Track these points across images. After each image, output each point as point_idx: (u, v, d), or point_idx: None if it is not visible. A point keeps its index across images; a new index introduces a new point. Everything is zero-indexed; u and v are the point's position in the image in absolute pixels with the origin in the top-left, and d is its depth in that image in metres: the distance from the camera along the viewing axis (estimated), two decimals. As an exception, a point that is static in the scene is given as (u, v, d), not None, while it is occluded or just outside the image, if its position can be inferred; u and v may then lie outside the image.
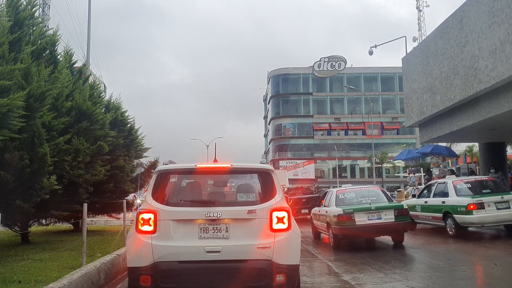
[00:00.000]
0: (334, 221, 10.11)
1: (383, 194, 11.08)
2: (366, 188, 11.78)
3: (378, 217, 9.76)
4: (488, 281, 6.63)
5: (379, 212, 9.83)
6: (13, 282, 5.38)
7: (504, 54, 10.29)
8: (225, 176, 5.54)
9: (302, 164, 60.64)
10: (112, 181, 11.81)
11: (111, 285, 6.45)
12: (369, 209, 9.88)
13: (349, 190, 11.57)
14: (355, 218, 9.76)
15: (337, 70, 63.23)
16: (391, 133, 63.95)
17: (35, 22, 9.63)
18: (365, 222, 9.72)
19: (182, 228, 4.52)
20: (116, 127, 12.71)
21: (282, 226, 4.56)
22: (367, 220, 9.76)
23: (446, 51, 13.55)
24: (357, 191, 11.36)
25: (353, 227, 9.71)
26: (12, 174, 7.46)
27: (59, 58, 10.95)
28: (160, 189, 4.81)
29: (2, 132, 6.64)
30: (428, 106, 15.20)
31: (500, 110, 11.48)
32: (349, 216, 9.80)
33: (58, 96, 9.22)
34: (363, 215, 9.77)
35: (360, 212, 9.82)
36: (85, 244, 6.38)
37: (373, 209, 9.88)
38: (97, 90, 12.89)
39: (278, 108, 66.61)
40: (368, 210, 9.87)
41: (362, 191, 11.40)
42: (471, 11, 11.96)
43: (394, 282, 6.33)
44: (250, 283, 4.39)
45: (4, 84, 6.68)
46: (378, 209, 9.88)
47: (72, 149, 9.61)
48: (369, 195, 10.90)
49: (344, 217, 9.83)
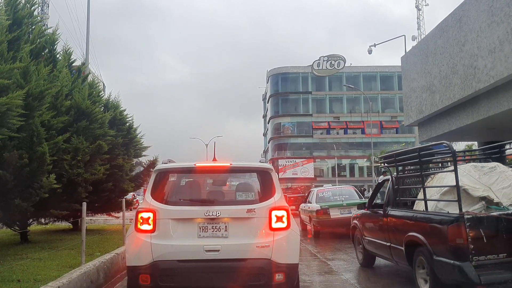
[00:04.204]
0: (314, 215, 12.45)
1: (356, 193, 13.36)
2: (341, 188, 14.32)
3: (349, 212, 11.44)
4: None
5: (349, 208, 11.71)
6: (12, 281, 5.38)
7: (503, 53, 10.29)
8: (224, 175, 5.55)
9: (301, 163, 60.65)
10: (111, 180, 11.80)
11: (110, 284, 6.46)
12: (342, 205, 12.12)
13: (327, 189, 14.11)
14: (330, 212, 12.02)
15: (336, 69, 63.20)
16: (390, 132, 63.94)
17: (34, 20, 9.61)
18: (338, 216, 11.87)
19: (181, 227, 4.52)
20: (115, 126, 12.70)
21: (281, 225, 4.57)
22: (339, 214, 11.88)
23: (445, 50, 13.55)
24: (333, 190, 13.90)
25: (328, 220, 12.01)
26: (11, 173, 7.45)
27: (58, 57, 10.94)
28: (159, 188, 4.81)
29: (1, 131, 6.63)
30: (427, 105, 15.20)
31: (499, 109, 11.48)
32: (325, 211, 12.07)
33: (57, 95, 9.21)
34: (336, 210, 12.03)
35: (334, 208, 12.10)
36: (84, 243, 6.38)
37: (345, 205, 12.07)
38: (96, 89, 12.88)
39: (277, 107, 66.58)
40: (341, 206, 12.12)
41: (338, 190, 13.82)
42: (470, 10, 11.96)
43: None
44: (249, 282, 4.40)
45: (3, 83, 6.67)
46: (349, 205, 11.93)
47: (71, 148, 9.61)
48: (343, 193, 13.13)
49: (321, 212, 12.11)
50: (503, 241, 4.57)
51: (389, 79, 64.19)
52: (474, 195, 4.99)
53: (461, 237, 4.52)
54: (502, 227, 4.58)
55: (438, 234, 4.91)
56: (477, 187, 5.07)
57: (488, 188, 5.11)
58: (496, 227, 4.60)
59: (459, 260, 4.52)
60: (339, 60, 63.51)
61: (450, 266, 4.61)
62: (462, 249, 4.51)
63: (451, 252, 4.63)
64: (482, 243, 4.50)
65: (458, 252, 4.56)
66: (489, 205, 4.99)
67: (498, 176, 5.23)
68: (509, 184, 5.12)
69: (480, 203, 4.97)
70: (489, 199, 5.00)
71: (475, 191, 5.02)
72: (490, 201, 5.01)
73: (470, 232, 4.49)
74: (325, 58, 63.46)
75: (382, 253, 6.73)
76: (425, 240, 5.08)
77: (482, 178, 5.26)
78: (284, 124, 65.35)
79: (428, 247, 5.01)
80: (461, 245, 4.51)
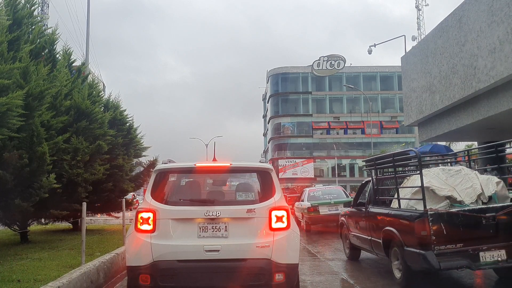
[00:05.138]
0: (305, 212, 14.23)
1: (343, 192, 15.04)
2: (330, 188, 16.36)
3: (336, 209, 12.76)
4: (488, 280, 6.64)
5: (337, 205, 13.34)
6: (12, 281, 5.38)
7: (503, 53, 10.29)
8: (225, 175, 5.55)
9: (301, 163, 60.65)
10: (111, 180, 11.80)
11: (110, 284, 6.46)
12: (330, 203, 13.83)
13: (318, 189, 16.19)
14: (319, 209, 13.82)
15: (336, 69, 63.19)
16: (390, 132, 63.92)
17: (34, 21, 9.61)
18: (327, 212, 13.60)
19: (181, 227, 4.52)
20: (115, 126, 12.69)
21: (281, 225, 4.56)
22: (328, 211, 13.59)
23: (445, 50, 13.55)
24: (323, 190, 15.76)
25: (318, 216, 13.85)
26: (11, 173, 7.45)
27: (58, 57, 10.93)
28: (159, 188, 4.81)
29: (1, 131, 6.63)
30: (427, 105, 15.20)
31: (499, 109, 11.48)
32: (315, 208, 13.87)
33: (57, 95, 9.20)
34: (325, 208, 13.77)
35: (323, 205, 13.86)
36: (84, 243, 6.38)
37: (333, 203, 13.78)
38: (96, 89, 12.87)
39: (277, 107, 66.56)
40: (329, 204, 13.85)
41: (327, 190, 15.66)
42: (470, 10, 11.96)
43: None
44: (249, 282, 4.39)
45: (3, 83, 6.66)
46: (336, 203, 13.65)
47: (71, 148, 9.60)
48: (332, 193, 14.86)
49: (312, 209, 13.92)
50: (460, 233, 5.33)
51: (389, 79, 64.18)
52: (440, 194, 5.72)
53: (424, 230, 5.30)
54: (459, 221, 5.34)
55: (407, 228, 5.69)
56: (443, 188, 5.80)
57: (453, 188, 5.84)
58: (454, 221, 5.34)
59: (424, 250, 5.27)
60: (339, 60, 63.49)
61: (417, 254, 5.35)
62: (426, 240, 5.27)
63: (417, 243, 5.38)
64: (442, 235, 5.26)
65: (422, 243, 5.32)
66: (453, 203, 5.70)
67: (462, 178, 6.00)
68: (471, 185, 5.84)
69: (445, 201, 5.70)
70: (453, 198, 5.71)
71: (441, 191, 5.75)
72: (454, 200, 5.71)
73: (432, 226, 5.25)
74: (325, 58, 63.45)
75: (365, 246, 7.49)
76: (398, 233, 5.88)
77: (449, 179, 6.01)
78: (284, 124, 65.33)
79: (400, 239, 5.79)
80: (425, 236, 5.28)
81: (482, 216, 5.37)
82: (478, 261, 5.23)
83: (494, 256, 5.24)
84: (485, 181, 5.96)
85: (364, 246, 7.58)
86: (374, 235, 6.84)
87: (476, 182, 5.92)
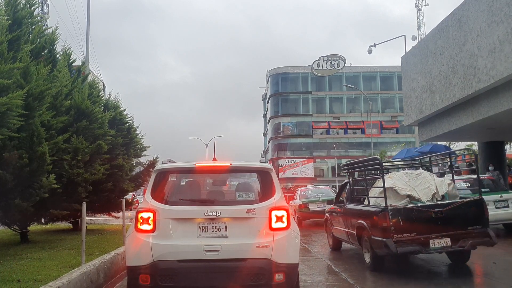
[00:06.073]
0: (297, 208, 15.96)
1: (330, 191, 16.57)
2: (320, 188, 18.52)
3: (324, 206, 13.99)
4: (487, 280, 6.65)
5: (324, 202, 14.80)
6: (12, 281, 5.38)
7: (503, 53, 10.29)
8: (224, 175, 5.55)
9: (301, 163, 60.65)
10: (111, 180, 11.78)
11: (110, 284, 6.46)
12: (318, 200, 15.45)
13: (309, 189, 18.01)
14: (309, 206, 15.57)
15: (336, 69, 63.19)
16: (390, 132, 63.92)
17: (34, 20, 9.60)
18: (316, 209, 15.20)
19: (181, 227, 4.52)
20: (115, 126, 12.68)
21: (281, 225, 4.56)
22: (316, 208, 15.16)
23: (445, 50, 13.55)
24: (313, 189, 17.68)
25: (308, 212, 15.58)
26: (11, 173, 7.45)
27: (58, 57, 10.91)
28: (159, 188, 4.81)
29: (1, 131, 6.62)
30: (427, 105, 15.20)
31: (499, 109, 11.48)
32: (305, 205, 15.66)
33: (57, 95, 9.20)
34: (314, 204, 15.46)
35: (312, 203, 15.60)
36: (84, 243, 6.38)
37: (321, 200, 15.35)
38: (96, 89, 12.85)
39: (277, 107, 66.56)
40: (318, 201, 15.48)
41: (317, 189, 17.61)
42: (470, 10, 11.96)
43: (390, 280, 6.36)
44: (249, 282, 4.39)
45: (3, 83, 6.66)
46: (324, 200, 15.14)
47: (71, 148, 9.60)
48: (321, 192, 16.63)
49: (303, 206, 15.73)
50: (414, 225, 6.47)
51: (389, 79, 64.17)
52: (402, 193, 6.97)
53: (385, 222, 6.49)
54: (413, 215, 6.53)
55: (373, 221, 6.87)
56: (404, 188, 7.03)
57: (413, 188, 7.06)
58: (409, 215, 6.53)
59: (385, 238, 6.45)
60: (339, 60, 63.49)
61: (380, 242, 6.53)
62: (386, 230, 6.47)
63: (380, 233, 6.59)
64: (400, 226, 6.44)
65: (384, 232, 6.50)
66: (412, 200, 6.91)
67: (421, 180, 7.22)
68: (428, 186, 7.06)
69: (406, 199, 6.94)
70: (412, 196, 6.94)
71: (402, 190, 6.99)
72: (413, 198, 6.93)
73: (392, 219, 6.44)
74: (325, 58, 63.44)
75: (344, 238, 8.71)
76: (367, 225, 7.09)
77: (410, 181, 7.20)
78: (284, 124, 65.33)
79: (368, 230, 7.00)
80: (386, 227, 6.48)
81: (432, 211, 6.53)
82: (428, 247, 6.39)
83: (441, 243, 6.42)
84: (439, 182, 7.14)
85: (343, 238, 8.77)
86: (350, 227, 8.06)
87: (432, 183, 7.10)
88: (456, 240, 6.43)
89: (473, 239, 6.46)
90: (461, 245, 6.41)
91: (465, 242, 6.41)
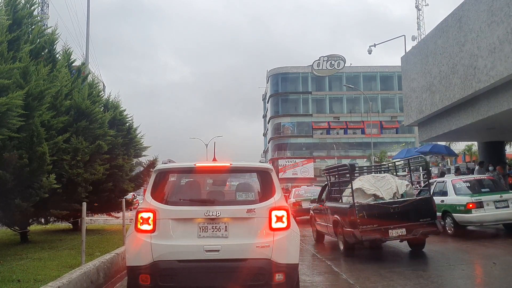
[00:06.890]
0: (291, 206, 16.28)
1: None
2: (312, 187, 20.41)
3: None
4: (487, 280, 6.65)
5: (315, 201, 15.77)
6: (12, 281, 5.37)
7: (503, 53, 10.29)
8: (225, 175, 5.54)
9: (301, 163, 60.64)
10: (111, 180, 11.78)
11: (110, 284, 6.46)
12: (310, 199, 15.68)
13: (302, 189, 19.54)
14: (302, 204, 17.21)
15: (336, 69, 63.19)
16: (390, 132, 63.90)
17: (33, 20, 9.61)
18: (307, 206, 15.47)
19: (181, 227, 4.51)
20: (115, 126, 12.68)
21: (281, 225, 4.56)
22: (308, 205, 15.32)
23: (445, 50, 13.55)
24: (306, 189, 19.30)
25: (300, 209, 16.95)
26: (11, 173, 7.45)
27: (58, 57, 10.92)
28: (159, 188, 4.80)
29: (1, 131, 6.62)
30: (427, 105, 15.21)
31: (499, 109, 11.49)
32: (298, 203, 17.45)
33: (57, 95, 9.20)
34: (306, 202, 16.40)
35: (305, 201, 16.88)
36: (84, 243, 6.38)
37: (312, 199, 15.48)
38: (96, 89, 12.86)
39: (277, 107, 66.55)
40: (309, 199, 15.72)
41: (309, 189, 19.41)
42: (470, 10, 11.96)
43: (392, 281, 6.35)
44: (249, 282, 4.38)
45: (3, 83, 6.66)
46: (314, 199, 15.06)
47: (71, 148, 9.60)
48: (313, 191, 17.89)
49: (296, 204, 17.47)
50: (376, 218, 7.93)
51: (389, 79, 64.16)
52: (368, 193, 8.48)
53: (353, 216, 8.01)
54: (376, 210, 8.03)
55: (344, 215, 8.42)
56: (370, 188, 8.54)
57: (377, 189, 8.53)
58: (372, 210, 8.04)
59: (353, 228, 8.00)
60: (339, 60, 63.49)
61: (349, 232, 8.11)
62: (354, 222, 7.97)
63: (349, 225, 8.14)
64: (365, 219, 7.91)
65: (352, 224, 8.04)
66: (376, 198, 8.38)
67: (385, 182, 8.73)
68: (390, 187, 8.56)
69: (371, 198, 8.44)
70: (377, 195, 8.44)
71: (369, 190, 8.50)
72: (377, 196, 8.42)
73: (358, 213, 7.95)
74: (325, 58, 63.44)
75: (324, 231, 10.17)
76: (340, 219, 8.62)
77: (376, 183, 8.70)
78: (284, 124, 65.32)
79: (342, 222, 8.53)
80: (353, 220, 7.99)
81: (390, 207, 8.06)
82: (387, 235, 7.88)
83: (398, 232, 7.91)
84: (400, 183, 8.66)
85: (324, 231, 10.23)
86: (328, 221, 9.52)
87: (394, 184, 8.60)
88: (410, 230, 7.89)
89: (423, 229, 7.96)
90: (414, 234, 7.89)
91: (417, 231, 7.89)
